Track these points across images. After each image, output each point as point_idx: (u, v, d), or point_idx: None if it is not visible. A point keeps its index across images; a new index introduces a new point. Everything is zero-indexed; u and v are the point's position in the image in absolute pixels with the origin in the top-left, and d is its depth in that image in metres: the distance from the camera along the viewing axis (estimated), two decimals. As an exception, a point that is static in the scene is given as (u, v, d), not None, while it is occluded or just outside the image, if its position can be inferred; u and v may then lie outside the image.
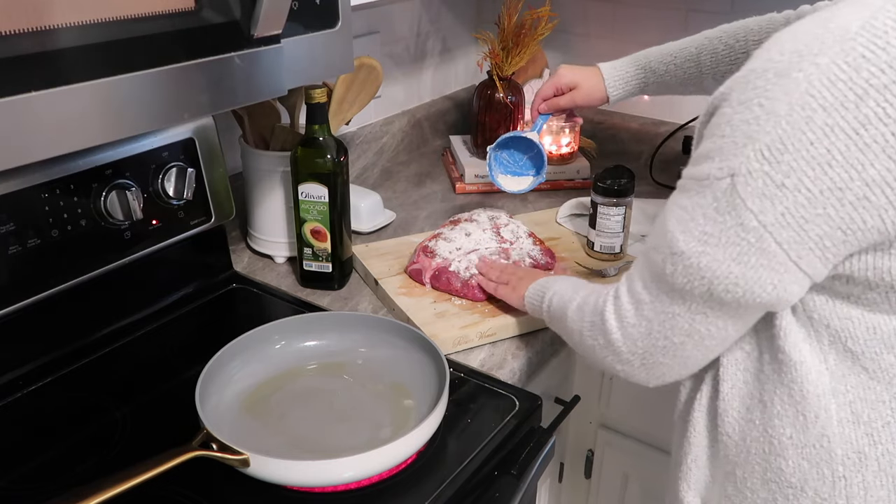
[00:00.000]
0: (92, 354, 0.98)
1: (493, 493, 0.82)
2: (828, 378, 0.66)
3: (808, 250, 0.59)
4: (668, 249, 0.65)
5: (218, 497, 0.77)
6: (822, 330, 0.65)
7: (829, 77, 0.55)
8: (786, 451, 0.68)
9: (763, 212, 0.58)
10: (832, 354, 0.66)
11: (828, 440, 0.66)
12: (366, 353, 0.95)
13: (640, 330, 0.71)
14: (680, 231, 0.64)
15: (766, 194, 0.57)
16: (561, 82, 1.14)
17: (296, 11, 0.79)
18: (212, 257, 1.15)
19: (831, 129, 0.55)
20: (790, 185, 0.57)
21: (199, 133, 1.04)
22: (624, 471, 1.29)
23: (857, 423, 0.65)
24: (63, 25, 0.62)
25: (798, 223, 0.58)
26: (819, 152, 0.55)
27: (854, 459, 0.66)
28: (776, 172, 0.57)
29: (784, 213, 0.58)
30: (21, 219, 0.86)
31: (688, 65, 1.08)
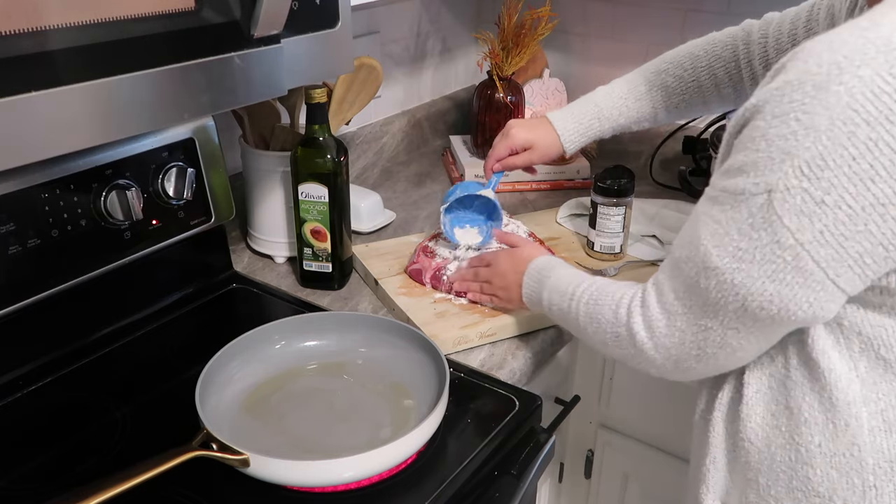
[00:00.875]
0: (92, 354, 0.98)
1: (493, 493, 0.82)
2: (858, 386, 0.65)
3: (846, 268, 0.58)
4: (701, 263, 0.64)
5: (218, 497, 0.77)
6: (853, 337, 0.64)
7: (873, 90, 0.53)
8: (814, 460, 0.67)
9: (801, 230, 0.57)
10: (863, 362, 0.65)
11: (858, 449, 0.65)
12: (366, 353, 0.95)
13: (674, 340, 0.70)
14: (713, 245, 0.63)
15: (804, 212, 0.56)
16: (514, 143, 1.11)
17: (296, 11, 0.79)
18: (212, 257, 1.15)
19: (875, 143, 0.53)
20: (830, 202, 0.55)
21: (199, 133, 1.04)
22: (624, 471, 1.29)
23: (890, 432, 0.64)
24: (63, 25, 0.62)
25: (837, 241, 0.57)
26: (862, 168, 0.54)
27: (885, 469, 0.65)
28: (816, 189, 0.55)
29: (823, 231, 0.56)
30: (21, 219, 0.86)
31: (640, 104, 1.07)
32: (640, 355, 0.75)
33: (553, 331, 1.05)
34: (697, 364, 0.71)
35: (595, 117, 1.09)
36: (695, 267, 0.65)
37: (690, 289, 0.67)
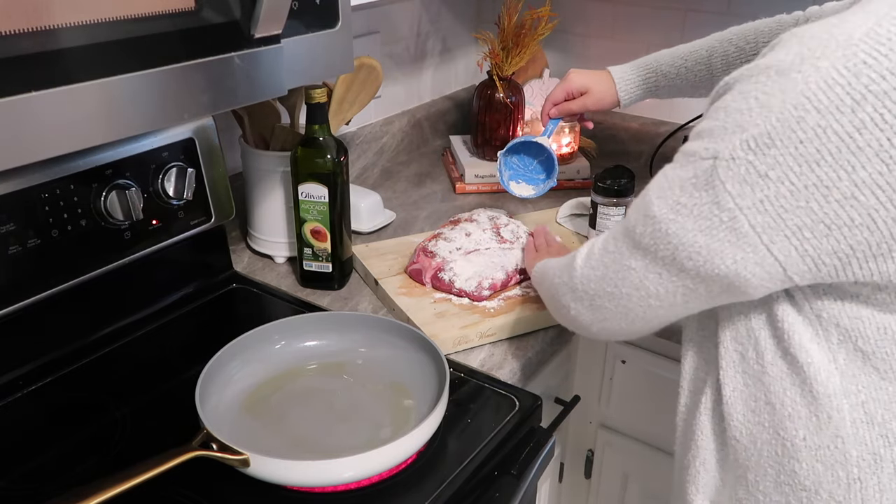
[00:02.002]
0: (92, 354, 0.98)
1: (493, 493, 0.82)
2: (838, 378, 0.65)
3: (783, 237, 0.59)
4: (643, 211, 0.68)
5: (218, 497, 0.77)
6: (831, 329, 0.65)
7: (827, 81, 0.55)
8: (799, 454, 0.67)
9: (742, 196, 0.59)
10: (842, 354, 0.65)
11: (842, 441, 0.65)
12: (366, 353, 0.95)
13: (597, 272, 0.75)
14: (656, 196, 0.66)
15: (746, 181, 0.59)
16: (572, 87, 1.13)
17: (296, 11, 0.79)
18: (212, 257, 1.15)
19: (823, 130, 0.55)
20: (774, 176, 0.58)
21: (199, 133, 1.04)
22: (624, 471, 1.29)
23: (872, 424, 0.65)
24: (63, 25, 0.62)
25: (777, 212, 0.59)
26: (808, 151, 0.56)
27: (869, 461, 0.65)
28: (760, 163, 0.58)
29: (763, 201, 0.59)
30: (21, 219, 0.86)
31: (698, 67, 1.07)
32: (569, 284, 0.79)
33: (553, 331, 1.05)
34: (609, 303, 0.74)
35: (653, 72, 1.10)
36: (637, 214, 0.69)
37: (627, 231, 0.70)
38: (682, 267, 0.65)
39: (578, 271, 0.78)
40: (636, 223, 0.68)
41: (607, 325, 0.77)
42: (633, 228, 0.69)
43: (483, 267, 1.09)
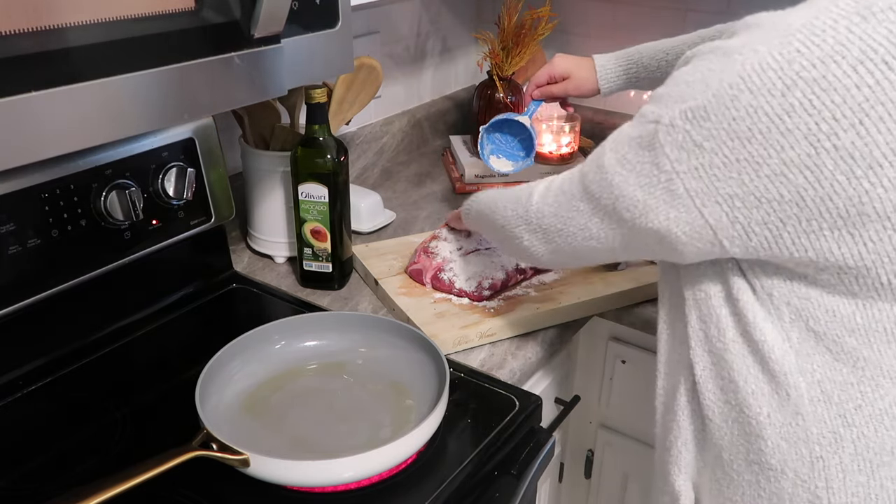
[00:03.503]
0: (92, 354, 0.98)
1: (493, 493, 0.82)
2: (793, 357, 0.66)
3: (714, 203, 0.62)
4: (597, 160, 0.71)
5: (218, 497, 0.77)
6: (783, 307, 0.66)
7: (762, 64, 0.58)
8: (764, 431, 0.69)
9: (678, 160, 0.62)
10: (795, 332, 0.66)
11: (802, 419, 0.67)
12: (366, 353, 0.95)
13: (551, 209, 0.78)
14: (610, 149, 0.70)
15: (683, 147, 0.62)
16: (555, 71, 1.17)
17: (296, 11, 0.79)
18: (212, 257, 1.15)
19: (755, 110, 0.58)
20: (708, 147, 0.61)
21: (199, 133, 1.04)
22: (624, 471, 1.29)
23: (829, 404, 0.66)
24: (63, 25, 0.62)
25: (710, 179, 0.61)
26: (740, 128, 0.59)
27: (830, 439, 0.66)
28: (696, 133, 0.61)
29: (697, 168, 0.62)
30: (21, 219, 0.86)
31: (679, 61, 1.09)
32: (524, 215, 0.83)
33: (553, 331, 1.05)
34: (559, 238, 0.78)
35: (634, 63, 1.13)
36: (592, 161, 0.73)
37: (582, 176, 0.74)
38: (620, 217, 0.69)
39: (535, 205, 0.81)
40: (589, 170, 0.73)
41: (557, 258, 0.82)
42: (587, 174, 0.73)
43: (483, 267, 1.09)
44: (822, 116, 0.56)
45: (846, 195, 0.58)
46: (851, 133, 0.56)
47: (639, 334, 1.14)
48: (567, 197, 0.76)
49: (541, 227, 0.81)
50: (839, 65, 0.56)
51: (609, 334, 1.20)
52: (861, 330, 0.64)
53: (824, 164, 0.57)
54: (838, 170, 0.57)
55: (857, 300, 0.63)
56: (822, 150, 0.57)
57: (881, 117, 0.56)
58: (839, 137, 0.56)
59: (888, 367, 0.64)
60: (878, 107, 0.56)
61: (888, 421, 0.65)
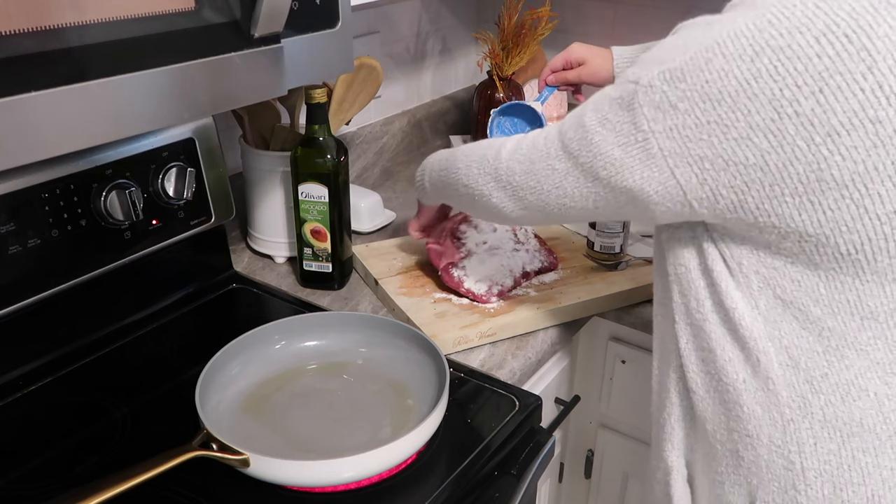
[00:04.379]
0: (92, 354, 0.98)
1: (493, 493, 0.82)
2: (762, 323, 0.69)
3: (686, 164, 0.65)
4: (578, 119, 0.73)
5: (218, 497, 0.77)
6: (751, 276, 0.69)
7: (736, 32, 0.62)
8: (741, 398, 0.71)
9: (654, 120, 0.65)
10: (763, 300, 0.69)
11: (773, 383, 0.69)
12: (366, 353, 0.95)
13: (523, 166, 0.79)
14: (591, 109, 0.72)
15: (660, 108, 0.65)
16: (571, 56, 1.18)
17: (296, 11, 0.79)
18: (212, 257, 1.15)
19: (726, 74, 0.61)
20: (682, 108, 0.64)
21: (199, 133, 1.04)
22: (624, 471, 1.29)
23: (797, 370, 0.68)
24: (63, 25, 0.62)
25: (683, 140, 0.64)
26: (712, 90, 0.62)
27: (799, 403, 0.68)
28: (672, 94, 0.64)
29: (672, 129, 0.64)
30: (21, 219, 0.86)
31: None
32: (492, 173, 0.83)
33: (553, 331, 1.05)
34: (531, 196, 0.79)
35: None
36: (572, 120, 0.75)
37: (561, 134, 0.76)
38: (596, 175, 0.72)
39: (504, 162, 0.82)
40: (569, 128, 0.74)
41: (527, 215, 0.83)
42: (566, 133, 0.74)
43: (495, 270, 1.08)
44: (786, 83, 0.59)
45: (806, 161, 0.60)
46: (812, 100, 0.59)
47: (639, 334, 1.14)
48: (542, 154, 0.77)
49: (511, 183, 0.81)
50: (804, 35, 0.59)
51: (609, 334, 1.20)
52: (825, 300, 0.66)
53: (786, 129, 0.60)
54: (799, 135, 0.60)
55: (820, 271, 0.65)
56: (785, 115, 0.60)
57: (839, 86, 0.58)
58: (800, 104, 0.59)
59: (853, 339, 0.66)
60: (837, 76, 0.58)
61: (854, 392, 0.67)
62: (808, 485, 0.69)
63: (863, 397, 0.67)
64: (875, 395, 0.67)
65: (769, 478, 0.71)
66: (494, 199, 0.84)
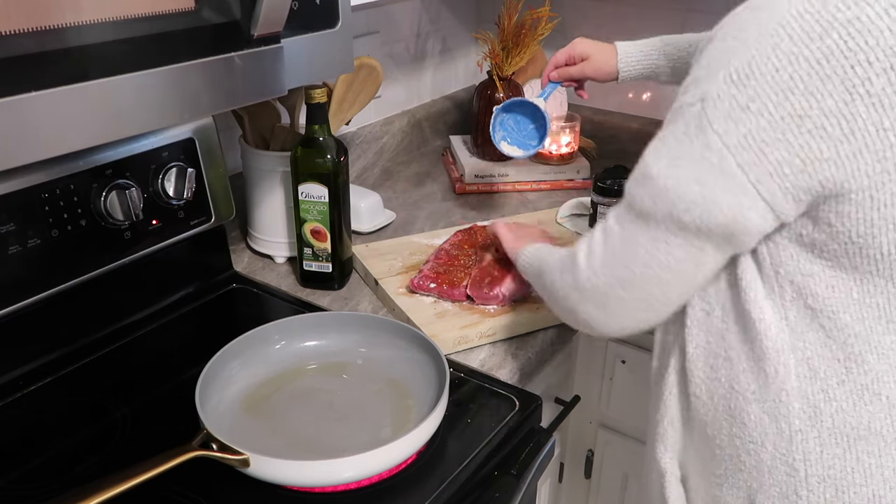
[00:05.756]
0: (92, 354, 0.98)
1: (493, 493, 0.82)
2: (787, 334, 0.68)
3: (767, 175, 0.61)
4: (640, 176, 0.68)
5: (218, 497, 0.77)
6: (785, 286, 0.67)
7: (798, 9, 0.58)
8: (749, 406, 0.70)
9: (727, 133, 0.61)
10: (793, 311, 0.68)
11: (786, 394, 0.68)
12: (366, 353, 0.95)
13: (606, 259, 0.73)
14: (652, 157, 0.67)
15: (731, 116, 0.61)
16: (575, 51, 1.16)
17: (296, 11, 0.79)
18: (212, 257, 1.15)
19: (796, 57, 0.58)
20: (754, 108, 0.60)
21: (199, 133, 1.04)
22: (624, 471, 1.29)
23: (814, 379, 0.68)
24: (63, 25, 0.62)
25: (759, 146, 0.60)
26: (783, 78, 0.58)
27: (809, 413, 0.68)
28: (742, 95, 0.60)
29: (746, 136, 0.60)
30: (21, 219, 0.86)
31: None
32: (574, 285, 0.77)
33: (553, 331, 1.05)
34: (624, 291, 0.72)
35: (656, 50, 1.12)
36: (634, 181, 0.69)
37: (628, 205, 0.70)
38: (681, 223, 0.66)
39: (583, 270, 0.75)
40: (634, 190, 0.69)
41: (624, 321, 0.76)
42: (633, 197, 0.69)
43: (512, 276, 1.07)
44: (857, 59, 0.56)
45: (874, 149, 0.58)
46: (883, 78, 0.56)
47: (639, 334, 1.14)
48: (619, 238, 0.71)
49: (597, 291, 0.74)
50: (872, 6, 0.56)
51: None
52: (856, 305, 0.65)
53: (858, 113, 0.57)
54: (870, 119, 0.57)
55: (856, 274, 0.64)
56: (857, 96, 0.57)
57: None
58: (872, 83, 0.56)
59: (876, 343, 0.66)
60: None
61: (867, 396, 0.67)
62: (811, 490, 0.69)
63: (874, 401, 0.67)
64: (887, 399, 0.67)
65: (770, 483, 0.71)
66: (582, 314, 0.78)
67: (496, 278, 1.06)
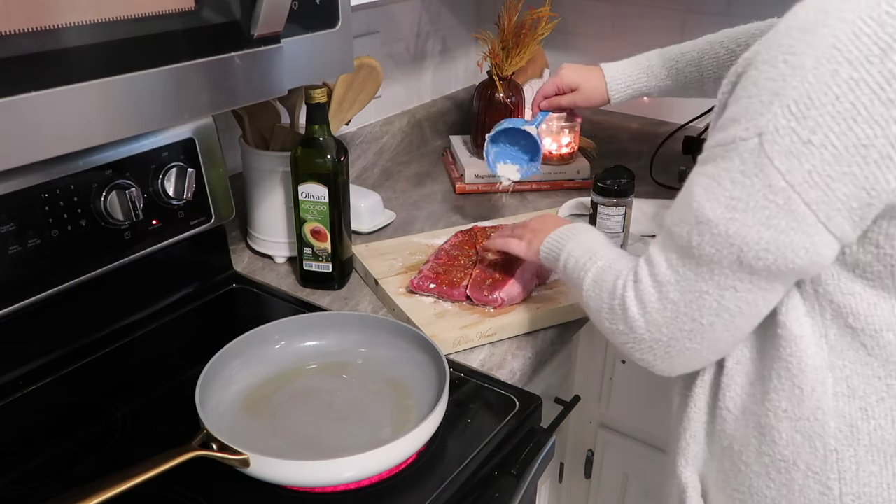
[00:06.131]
0: (92, 354, 0.98)
1: (493, 493, 0.82)
2: (826, 353, 0.66)
3: (836, 211, 0.58)
4: (694, 220, 0.64)
5: (218, 497, 0.77)
6: (826, 305, 0.65)
7: (855, 31, 0.55)
8: (781, 424, 0.68)
9: (791, 171, 0.57)
10: (833, 329, 0.66)
11: (822, 413, 0.66)
12: (366, 353, 0.95)
13: (666, 315, 0.68)
14: (706, 199, 0.63)
15: (792, 152, 0.57)
16: (563, 82, 1.15)
17: (296, 11, 0.79)
18: (212, 257, 1.15)
19: (857, 83, 0.55)
20: (817, 141, 0.56)
21: (199, 133, 1.04)
22: (624, 471, 1.29)
23: (853, 398, 0.66)
24: (63, 25, 0.62)
25: (825, 182, 0.57)
26: (844, 107, 0.55)
27: (846, 433, 0.66)
28: (802, 129, 0.56)
29: (811, 172, 0.57)
30: (21, 219, 0.86)
31: (689, 69, 1.09)
32: (631, 334, 0.72)
33: (553, 331, 1.05)
34: (691, 342, 0.68)
35: (644, 72, 1.11)
36: (687, 226, 0.65)
37: (683, 251, 0.66)
38: (752, 269, 0.62)
39: (640, 324, 0.70)
40: (689, 236, 0.64)
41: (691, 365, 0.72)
42: (689, 243, 0.64)
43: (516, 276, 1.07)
44: None
45: None
46: None
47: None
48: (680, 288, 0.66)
49: (659, 342, 0.70)
50: None
51: (609, 334, 1.20)
52: None
53: None
54: None
55: None
56: None
57: None
58: None
59: None
60: None
61: None
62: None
63: None
64: None
65: (801, 501, 0.69)
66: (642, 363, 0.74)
67: (497, 281, 1.06)
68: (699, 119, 1.52)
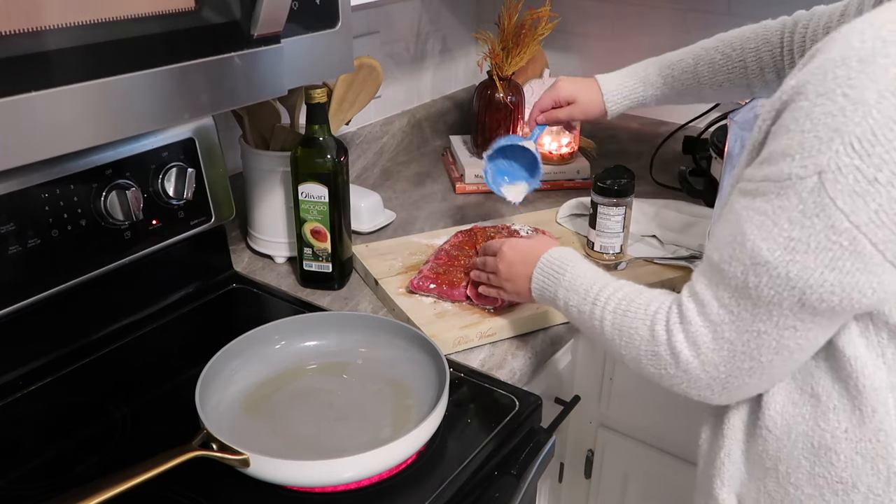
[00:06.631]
0: (92, 354, 0.98)
1: (493, 493, 0.82)
2: (885, 373, 0.64)
3: None
4: (749, 260, 0.61)
5: (218, 497, 0.77)
6: (881, 326, 0.63)
7: None
8: (838, 446, 0.66)
9: (855, 211, 0.55)
10: (891, 349, 0.64)
11: (885, 434, 0.64)
12: (366, 353, 0.95)
13: (723, 354, 0.66)
14: (762, 239, 0.60)
15: (857, 191, 0.54)
16: (559, 96, 1.14)
17: (296, 11, 0.79)
18: (212, 257, 1.15)
19: None
20: (883, 179, 0.54)
21: (199, 133, 1.04)
22: (624, 471, 1.29)
23: None
24: (63, 25, 0.62)
25: (893, 221, 0.55)
26: None
27: None
28: (868, 166, 0.54)
29: (878, 211, 0.55)
30: (21, 219, 0.86)
31: (685, 76, 1.08)
32: (683, 376, 0.70)
33: (553, 331, 1.05)
34: (751, 378, 0.67)
35: (640, 82, 1.11)
36: (741, 266, 0.62)
37: (737, 292, 0.63)
38: (814, 311, 0.60)
39: (694, 363, 0.68)
40: (745, 277, 0.62)
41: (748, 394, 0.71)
42: (744, 284, 0.62)
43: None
44: None
45: None
46: None
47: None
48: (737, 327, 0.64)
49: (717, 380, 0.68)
50: None
51: (609, 334, 1.20)
52: None
53: None
54: None
55: None
56: None
57: None
58: None
59: None
60: None
61: None
62: None
63: None
64: None
65: None
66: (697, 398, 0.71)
67: None
68: (699, 119, 1.52)
